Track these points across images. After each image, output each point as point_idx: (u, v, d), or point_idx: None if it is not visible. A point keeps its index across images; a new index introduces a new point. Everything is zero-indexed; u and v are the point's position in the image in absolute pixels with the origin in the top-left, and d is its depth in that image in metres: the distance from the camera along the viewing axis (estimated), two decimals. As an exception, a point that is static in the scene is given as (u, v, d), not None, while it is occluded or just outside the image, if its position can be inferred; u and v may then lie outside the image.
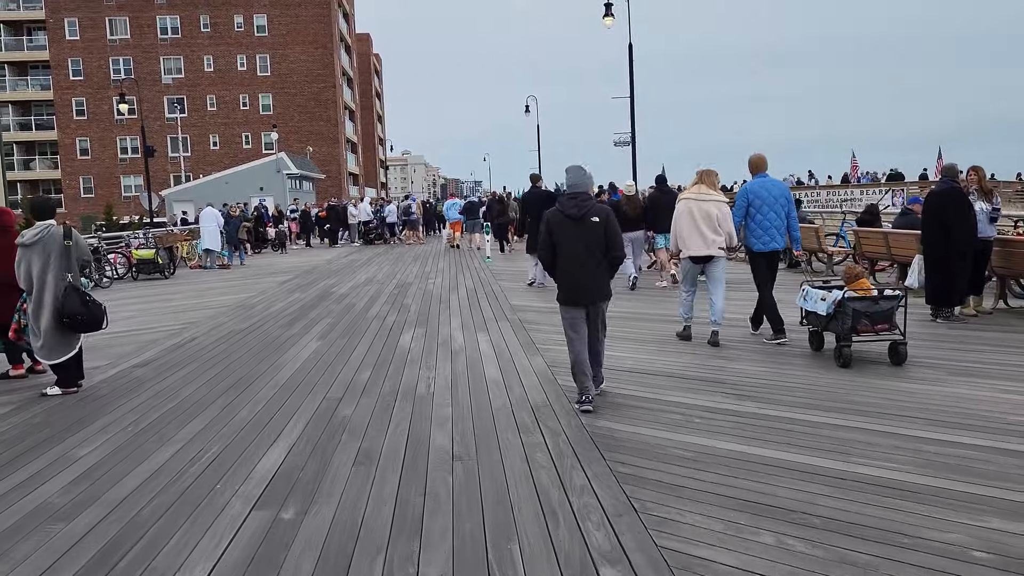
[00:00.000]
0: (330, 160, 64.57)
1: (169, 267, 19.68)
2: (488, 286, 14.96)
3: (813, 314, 7.51)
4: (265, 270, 21.25)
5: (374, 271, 19.29)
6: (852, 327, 6.97)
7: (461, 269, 18.86)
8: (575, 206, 5.96)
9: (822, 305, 7.24)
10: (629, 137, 30.60)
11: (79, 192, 62.63)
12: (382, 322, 10.95)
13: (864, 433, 5.18)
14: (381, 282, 16.50)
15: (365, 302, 13.30)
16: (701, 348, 8.19)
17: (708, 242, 8.06)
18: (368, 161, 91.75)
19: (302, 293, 15.09)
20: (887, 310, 7.01)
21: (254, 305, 13.56)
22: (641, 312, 10.82)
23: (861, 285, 7.26)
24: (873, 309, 6.99)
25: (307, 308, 12.83)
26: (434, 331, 10.06)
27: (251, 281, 18.16)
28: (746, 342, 8.45)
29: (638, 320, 10.14)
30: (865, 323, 6.98)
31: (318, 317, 11.71)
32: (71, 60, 61.83)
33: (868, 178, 44.22)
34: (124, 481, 4.89)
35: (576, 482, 4.54)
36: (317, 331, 10.40)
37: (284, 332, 10.46)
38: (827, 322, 7.24)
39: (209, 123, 63.32)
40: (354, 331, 10.28)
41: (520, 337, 9.26)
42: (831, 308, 7.10)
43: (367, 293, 14.59)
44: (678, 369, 7.30)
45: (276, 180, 42.54)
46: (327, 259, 24.38)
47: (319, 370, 7.93)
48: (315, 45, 63.91)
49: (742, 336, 8.72)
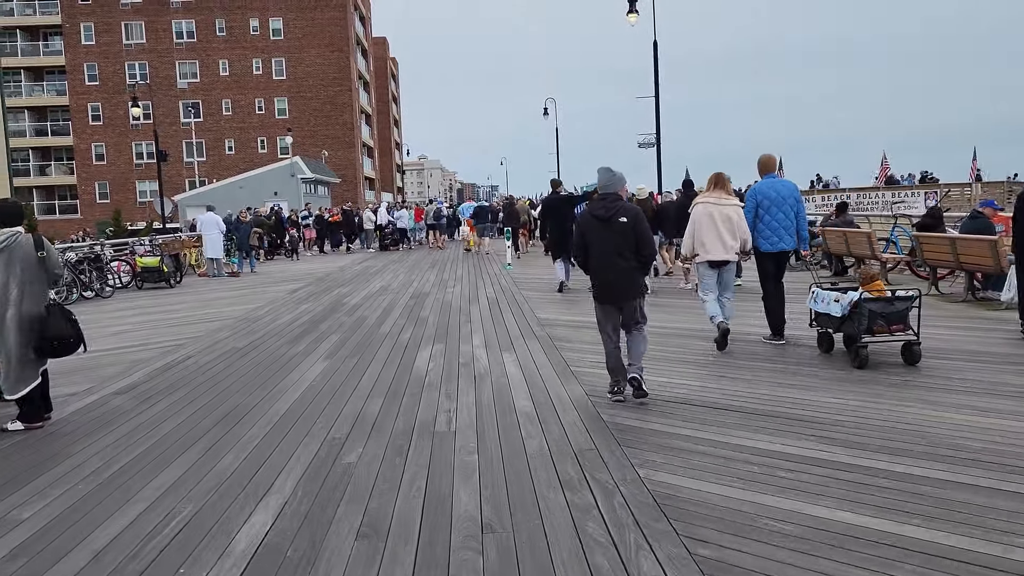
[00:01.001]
0: (346, 164, 63.77)
1: (175, 276, 18.77)
2: (510, 295, 13.91)
3: (825, 315, 7.49)
4: (276, 278, 20.31)
5: (389, 279, 18.29)
6: (868, 328, 7.02)
7: (480, 276, 17.83)
8: (603, 207, 6.11)
9: (836, 307, 7.26)
10: (654, 138, 29.49)
11: (95, 198, 62.17)
12: (396, 339, 9.91)
13: (1006, 498, 4.07)
14: (396, 291, 15.49)
15: (379, 314, 12.28)
16: (750, 369, 7.10)
17: (727, 247, 8.04)
18: (384, 165, 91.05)
19: (312, 304, 14.10)
20: (902, 311, 7.08)
21: (259, 318, 12.58)
22: (673, 327, 9.69)
23: (876, 286, 7.34)
24: (888, 310, 7.05)
25: (316, 321, 11.83)
26: (454, 349, 9.02)
27: (260, 290, 17.20)
28: (783, 356, 7.40)
29: (673, 336, 9.03)
30: (881, 324, 7.03)
31: (327, 332, 10.70)
32: (87, 65, 61.43)
33: (909, 180, 42.72)
34: (68, 558, 3.87)
35: (645, 570, 3.47)
36: (324, 349, 9.38)
37: (288, 350, 9.45)
38: (841, 323, 7.27)
39: (224, 127, 62.70)
40: (365, 349, 9.25)
41: (552, 358, 8.19)
42: (846, 309, 7.13)
43: (381, 304, 13.57)
44: (736, 399, 6.20)
45: (290, 184, 41.69)
46: (340, 266, 23.42)
47: (322, 399, 6.90)
48: (331, 49, 63.18)
49: (779, 351, 7.66)
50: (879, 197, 41.74)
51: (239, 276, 21.07)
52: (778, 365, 7.37)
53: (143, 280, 18.20)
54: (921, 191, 40.59)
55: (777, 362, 7.51)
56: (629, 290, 6.14)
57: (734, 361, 7.64)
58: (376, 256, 27.34)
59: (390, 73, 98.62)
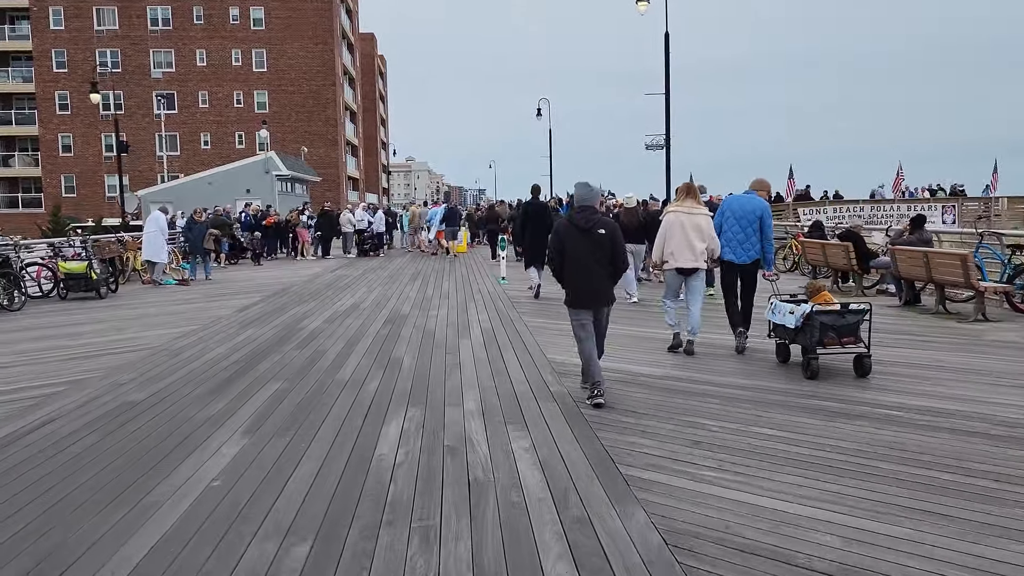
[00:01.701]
0: (328, 163, 60.71)
1: (108, 284, 15.79)
2: (509, 322, 11.09)
3: (781, 327, 7.62)
4: (231, 288, 17.36)
5: (362, 294, 15.41)
6: (819, 340, 7.14)
7: (471, 294, 14.99)
8: (584, 219, 6.42)
9: (790, 318, 7.38)
10: (663, 139, 26.79)
11: (60, 191, 58.73)
12: (356, 394, 7.06)
13: None
14: (368, 312, 12.62)
15: (340, 348, 9.42)
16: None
17: (696, 254, 8.27)
18: (370, 166, 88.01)
19: (259, 328, 11.20)
20: (853, 324, 7.21)
21: (184, 349, 9.67)
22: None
23: (824, 299, 7.47)
24: (839, 323, 7.19)
25: (255, 357, 8.94)
26: (437, 418, 6.19)
27: (204, 305, 14.27)
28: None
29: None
30: (832, 336, 7.17)
31: (264, 378, 7.83)
32: (55, 51, 58.05)
33: (932, 191, 40.13)
34: None
35: None
36: (249, 413, 6.50)
37: (197, 411, 6.57)
38: (795, 335, 7.39)
39: (200, 121, 59.50)
40: (308, 415, 6.39)
41: (585, 446, 5.37)
42: (799, 321, 7.25)
43: (346, 331, 10.71)
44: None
45: (264, 182, 38.54)
46: (311, 274, 20.50)
47: (209, 537, 4.04)
48: (315, 41, 60.16)
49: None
50: (894, 210, 39.15)
51: (188, 284, 18.11)
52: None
53: (67, 289, 15.22)
54: (938, 204, 38.18)
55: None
56: (602, 297, 6.53)
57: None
58: (352, 263, 24.40)
59: (377, 71, 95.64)
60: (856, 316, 7.19)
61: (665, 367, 7.91)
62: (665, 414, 6.14)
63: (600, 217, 6.54)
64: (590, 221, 6.40)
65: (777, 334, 7.82)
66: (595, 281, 6.41)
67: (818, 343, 7.10)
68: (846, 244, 13.51)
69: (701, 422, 5.88)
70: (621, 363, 8.00)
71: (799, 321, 7.21)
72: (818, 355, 7.14)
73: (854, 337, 7.16)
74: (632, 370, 7.74)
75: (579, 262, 6.40)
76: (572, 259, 6.42)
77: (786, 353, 7.83)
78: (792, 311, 7.36)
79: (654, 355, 8.50)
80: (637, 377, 7.44)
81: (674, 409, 6.27)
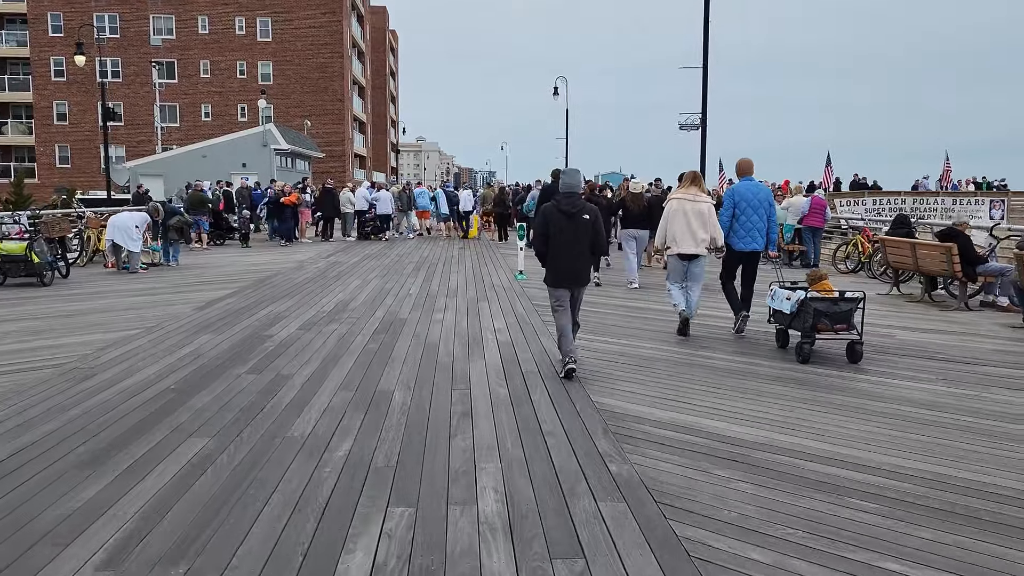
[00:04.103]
0: (333, 139, 58.09)
1: (53, 268, 13.35)
2: (535, 336, 8.62)
3: (779, 312, 7.80)
4: (201, 276, 14.90)
5: (354, 288, 12.94)
6: (813, 326, 7.34)
7: (483, 291, 12.52)
8: (570, 204, 6.78)
9: (787, 304, 7.59)
10: (699, 119, 24.12)
11: (54, 161, 56.35)
12: (312, 471, 4.59)
13: None
14: (357, 315, 10.17)
15: (310, 373, 6.97)
16: None
17: (698, 241, 8.46)
18: (378, 144, 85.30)
19: (214, 336, 8.74)
20: (846, 311, 7.38)
21: (101, 368, 7.21)
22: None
23: (824, 287, 7.62)
24: (833, 310, 7.37)
25: (188, 388, 6.49)
26: (436, 535, 3.74)
27: (163, 298, 11.81)
28: None
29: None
30: (825, 322, 7.36)
31: (181, 431, 5.37)
32: (51, 15, 55.43)
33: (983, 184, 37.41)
34: None
35: None
36: (122, 520, 4.04)
37: (44, 509, 4.11)
38: (791, 320, 7.60)
39: (202, 91, 56.88)
40: (219, 527, 3.93)
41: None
42: (794, 307, 7.48)
43: (324, 344, 8.25)
44: None
45: (262, 156, 35.92)
46: (301, 260, 18.04)
47: None
48: (322, 10, 57.35)
49: None
50: (938, 203, 36.29)
51: (147, 271, 15.62)
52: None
53: (3, 274, 12.79)
54: (986, 199, 35.45)
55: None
56: (581, 277, 6.94)
57: None
58: (350, 248, 21.90)
59: (389, 46, 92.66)
60: (850, 304, 7.42)
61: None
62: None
63: (584, 203, 6.91)
64: (575, 206, 6.77)
65: (776, 319, 8.04)
66: (576, 263, 6.83)
67: (812, 329, 7.35)
68: (948, 245, 10.96)
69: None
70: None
71: (794, 307, 7.49)
72: (812, 341, 7.40)
73: (847, 324, 7.41)
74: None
75: (562, 246, 6.78)
76: (556, 242, 6.79)
77: (785, 338, 8.06)
78: (789, 297, 7.62)
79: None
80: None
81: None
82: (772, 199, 8.67)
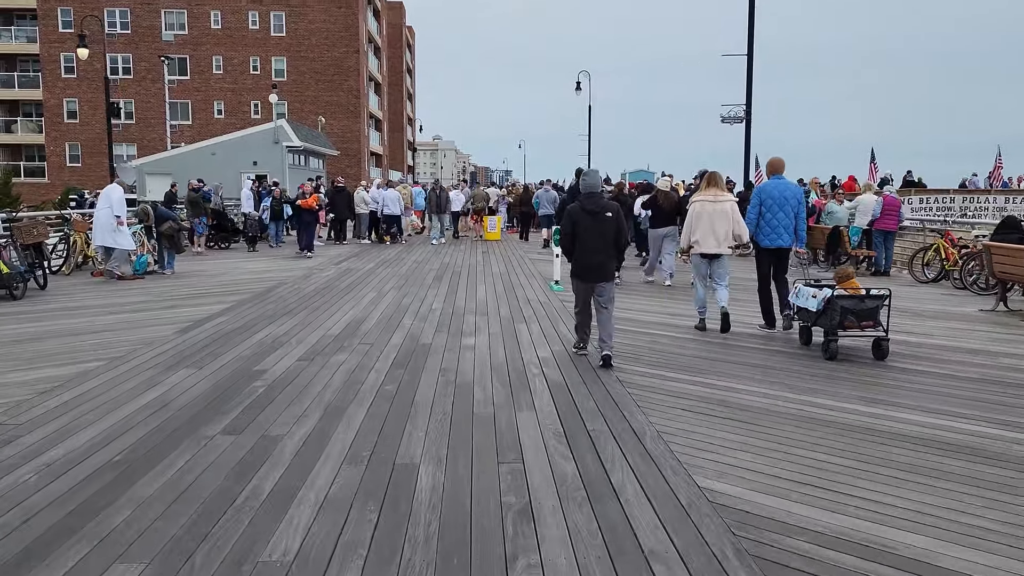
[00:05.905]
0: (349, 136, 56.45)
1: (26, 278, 11.68)
2: (588, 367, 6.81)
3: (804, 310, 7.84)
4: (198, 286, 13.20)
5: (368, 303, 11.19)
6: (839, 323, 7.36)
7: (517, 307, 10.73)
8: (593, 203, 7.23)
9: (813, 302, 7.63)
10: (743, 111, 22.22)
11: (65, 160, 55.05)
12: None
13: None
14: (371, 340, 8.40)
15: (306, 434, 5.20)
16: None
17: (720, 240, 8.75)
18: (395, 142, 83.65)
19: (191, 373, 6.99)
20: (872, 308, 7.40)
21: (22, 432, 5.45)
22: None
23: (851, 285, 7.68)
24: (859, 307, 7.39)
25: (132, 471, 4.72)
26: None
27: (142, 317, 10.10)
28: None
29: None
30: (851, 320, 7.38)
31: (103, 555, 3.62)
32: (61, 10, 54.05)
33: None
34: None
35: None
36: None
37: None
38: (816, 318, 7.63)
39: (214, 88, 55.38)
40: None
41: None
42: (821, 305, 7.50)
43: (328, 385, 6.48)
44: None
45: (273, 153, 34.26)
46: (311, 267, 16.34)
47: None
48: (337, 4, 55.67)
49: None
50: (989, 202, 34.09)
51: (142, 279, 13.96)
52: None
53: (-32, 286, 11.14)
54: (1036, 196, 33.20)
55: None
56: (605, 272, 7.28)
57: None
58: (364, 253, 20.14)
59: (405, 42, 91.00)
60: (876, 301, 7.40)
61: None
62: None
63: (607, 201, 7.42)
64: (598, 205, 7.23)
65: (800, 317, 8.03)
66: (599, 257, 7.22)
67: (838, 326, 7.34)
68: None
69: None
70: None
71: (821, 305, 7.49)
72: (837, 338, 7.40)
73: (873, 321, 7.40)
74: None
75: (588, 242, 7.19)
76: (582, 239, 7.20)
77: (808, 336, 8.05)
78: (815, 295, 7.65)
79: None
80: None
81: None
82: (802, 197, 8.88)
